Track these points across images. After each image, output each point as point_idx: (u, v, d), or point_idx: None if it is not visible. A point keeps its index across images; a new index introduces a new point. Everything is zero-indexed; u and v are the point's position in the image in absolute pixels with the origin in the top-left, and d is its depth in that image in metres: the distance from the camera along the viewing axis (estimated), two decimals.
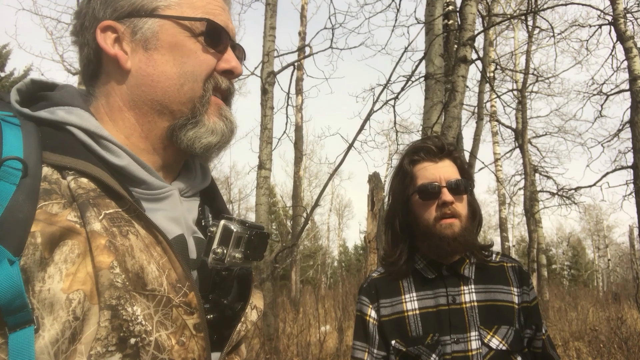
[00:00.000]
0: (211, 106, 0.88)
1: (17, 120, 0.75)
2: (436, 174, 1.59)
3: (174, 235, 0.82)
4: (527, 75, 10.69)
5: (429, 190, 1.57)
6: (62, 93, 0.84)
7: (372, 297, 1.64)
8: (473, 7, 4.61)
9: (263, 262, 5.05)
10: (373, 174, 9.02)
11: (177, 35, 0.85)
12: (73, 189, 0.71)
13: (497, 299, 1.57)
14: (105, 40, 0.83)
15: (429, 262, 1.62)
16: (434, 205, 1.57)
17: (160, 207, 0.83)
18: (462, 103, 4.58)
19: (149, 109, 0.84)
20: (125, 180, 0.80)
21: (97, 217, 0.70)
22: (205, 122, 0.86)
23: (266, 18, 5.42)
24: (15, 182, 0.65)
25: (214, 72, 0.88)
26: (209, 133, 0.86)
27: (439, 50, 5.49)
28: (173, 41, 0.84)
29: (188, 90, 0.84)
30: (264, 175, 5.26)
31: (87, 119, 0.80)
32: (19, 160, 0.67)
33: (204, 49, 0.86)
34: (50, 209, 0.68)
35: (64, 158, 0.73)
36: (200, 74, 0.86)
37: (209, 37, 0.86)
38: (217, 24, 0.87)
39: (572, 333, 9.68)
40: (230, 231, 0.84)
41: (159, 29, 0.84)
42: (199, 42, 0.86)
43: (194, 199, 0.94)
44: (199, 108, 0.85)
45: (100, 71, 0.87)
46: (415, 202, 1.62)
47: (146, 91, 0.83)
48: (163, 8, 0.85)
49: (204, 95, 0.86)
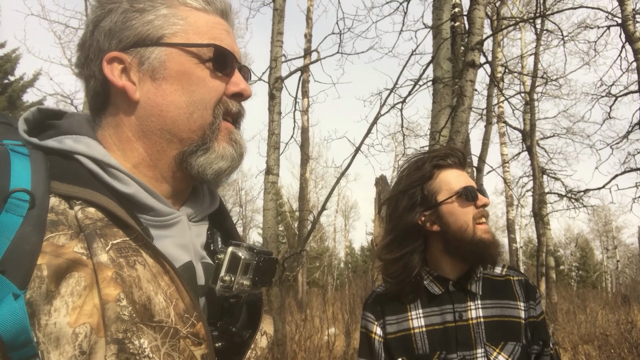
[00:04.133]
0: (221, 132, 0.87)
1: (25, 150, 0.75)
2: (466, 179, 1.59)
3: (183, 262, 0.82)
4: (535, 78, 10.61)
5: (471, 193, 1.55)
6: (70, 121, 0.84)
7: (377, 314, 1.62)
8: (481, 11, 4.59)
9: None
10: (380, 177, 8.99)
11: (185, 63, 0.84)
12: (80, 219, 0.71)
13: (504, 314, 1.55)
14: (112, 72, 0.83)
15: (435, 278, 1.60)
16: (471, 207, 1.55)
17: (169, 233, 0.83)
18: (471, 108, 4.56)
19: (158, 139, 0.84)
20: (133, 208, 0.80)
21: (103, 248, 0.69)
22: (215, 148, 0.86)
23: (274, 23, 5.43)
24: (22, 213, 0.66)
25: (223, 96, 0.87)
26: (219, 159, 0.86)
27: (446, 54, 5.47)
28: (181, 69, 0.84)
29: (198, 118, 0.84)
30: (271, 180, 5.26)
31: (94, 148, 0.80)
32: (26, 192, 0.67)
33: (213, 74, 0.86)
34: (57, 240, 0.67)
35: (72, 187, 0.73)
36: (209, 101, 0.86)
37: (217, 63, 0.86)
38: (223, 49, 0.87)
39: (581, 336, 9.60)
40: (238, 258, 0.84)
41: (166, 57, 0.83)
42: (207, 68, 0.86)
43: (202, 223, 0.94)
44: (209, 135, 0.85)
45: (109, 102, 0.86)
46: (449, 207, 1.56)
47: (155, 121, 0.83)
48: (169, 36, 0.84)
49: (214, 122, 0.86)
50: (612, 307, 11.82)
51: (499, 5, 8.10)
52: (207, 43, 0.85)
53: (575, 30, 10.50)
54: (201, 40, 0.85)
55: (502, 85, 11.76)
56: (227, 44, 0.88)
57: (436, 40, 5.49)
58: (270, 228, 5.23)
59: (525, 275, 1.67)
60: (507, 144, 17.06)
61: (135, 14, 0.84)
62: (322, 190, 32.19)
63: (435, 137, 5.06)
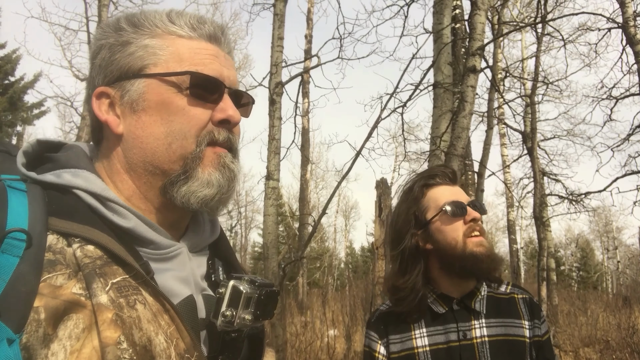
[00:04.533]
0: (206, 158, 0.84)
1: (23, 185, 0.74)
2: (456, 195, 1.60)
3: (183, 297, 0.81)
4: (536, 83, 10.59)
5: (457, 208, 1.56)
6: (69, 154, 0.84)
7: (381, 333, 1.62)
8: (482, 17, 4.58)
9: (271, 273, 5.05)
10: (380, 180, 8.99)
11: (164, 93, 0.83)
12: (79, 257, 0.70)
13: (509, 333, 1.54)
14: (99, 106, 0.84)
15: (438, 296, 1.60)
16: (460, 223, 1.55)
17: (169, 266, 0.82)
18: (472, 113, 4.55)
19: (143, 171, 0.83)
20: (133, 241, 0.79)
21: (103, 289, 0.68)
22: (198, 176, 0.83)
23: (274, 28, 5.41)
24: (19, 254, 0.65)
25: (209, 124, 0.85)
26: (203, 186, 0.82)
27: (447, 58, 5.46)
28: (159, 100, 0.83)
29: (177, 149, 0.82)
30: (272, 185, 5.25)
31: (93, 182, 0.79)
32: (23, 232, 0.66)
33: (193, 102, 0.84)
34: (54, 281, 0.66)
35: (70, 224, 0.72)
36: (189, 130, 0.83)
37: (197, 90, 0.84)
38: (203, 75, 0.84)
39: (581, 339, 9.59)
40: (239, 292, 0.82)
41: (145, 89, 0.83)
42: (187, 97, 0.83)
43: (202, 253, 0.93)
44: (189, 163, 0.83)
45: (102, 136, 0.88)
46: (437, 224, 1.58)
47: (137, 153, 0.83)
48: (150, 67, 0.84)
49: (195, 150, 0.83)
50: (613, 309, 11.81)
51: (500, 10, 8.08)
52: (184, 71, 0.83)
53: (576, 32, 10.49)
54: (181, 68, 0.83)
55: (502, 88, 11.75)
56: (212, 69, 0.85)
57: (437, 44, 5.47)
58: (270, 234, 5.22)
59: (529, 293, 1.67)
60: (507, 145, 17.05)
61: (119, 47, 0.85)
62: (322, 191, 32.20)
63: (436, 142, 5.05)
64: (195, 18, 0.89)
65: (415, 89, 5.71)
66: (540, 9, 5.90)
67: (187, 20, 0.87)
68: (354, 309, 10.47)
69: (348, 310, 10.47)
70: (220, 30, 0.90)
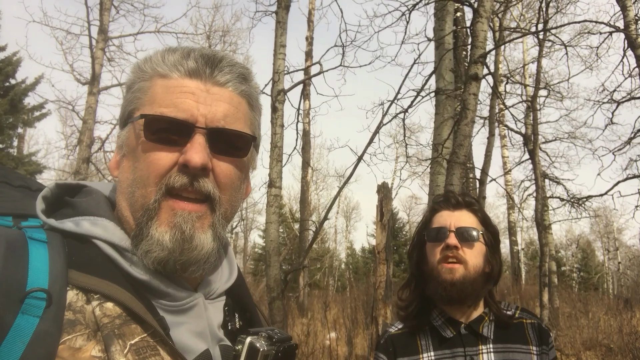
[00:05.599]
0: (162, 212, 0.77)
1: (44, 235, 0.74)
2: (448, 220, 1.62)
3: (199, 352, 0.80)
4: (537, 88, 10.57)
5: (435, 233, 1.62)
6: (88, 201, 0.83)
7: (389, 355, 1.63)
8: (484, 24, 4.57)
9: (274, 281, 5.04)
10: (382, 184, 8.97)
11: (134, 139, 0.81)
12: (98, 316, 0.69)
13: (516, 359, 1.54)
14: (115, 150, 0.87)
15: (446, 320, 1.61)
16: (439, 248, 1.59)
17: (185, 320, 0.81)
18: (474, 121, 4.55)
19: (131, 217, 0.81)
20: (149, 292, 0.78)
21: (122, 352, 0.68)
22: (151, 233, 0.76)
23: (276, 36, 5.41)
24: (39, 314, 0.64)
25: (171, 170, 0.78)
26: (156, 246, 0.76)
27: (449, 65, 5.46)
28: (132, 145, 0.82)
29: (139, 198, 0.78)
30: (274, 193, 5.25)
31: (111, 231, 0.78)
32: (43, 291, 0.65)
33: (157, 147, 0.78)
34: (74, 343, 0.66)
35: (90, 278, 0.71)
36: (147, 178, 0.77)
37: (157, 134, 0.78)
38: (158, 117, 0.78)
39: (583, 342, 9.58)
40: (256, 350, 0.81)
41: (127, 134, 0.83)
42: (150, 142, 0.78)
43: (219, 299, 0.91)
44: (142, 217, 0.77)
45: None
46: (428, 247, 1.65)
47: (121, 199, 0.83)
48: (135, 111, 0.82)
49: (150, 200, 0.77)
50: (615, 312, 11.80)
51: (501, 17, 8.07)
52: (140, 115, 0.79)
53: (577, 36, 10.48)
54: (152, 111, 0.79)
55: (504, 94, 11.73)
56: (181, 110, 0.78)
57: (438, 51, 5.48)
58: (272, 241, 5.22)
59: (538, 318, 1.67)
60: (508, 147, 17.05)
61: (126, 90, 0.86)
62: (323, 192, 32.20)
63: (438, 149, 5.06)
64: (183, 53, 0.83)
65: (417, 95, 5.72)
66: (541, 15, 5.89)
67: (172, 57, 0.82)
68: (355, 312, 10.46)
69: (349, 314, 10.47)
70: (208, 61, 0.82)
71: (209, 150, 0.79)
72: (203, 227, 0.79)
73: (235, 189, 0.84)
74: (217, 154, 0.81)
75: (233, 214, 0.87)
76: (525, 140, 11.33)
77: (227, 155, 0.82)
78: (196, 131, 0.78)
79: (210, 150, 0.79)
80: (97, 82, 9.87)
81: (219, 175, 0.81)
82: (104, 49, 10.06)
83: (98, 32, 10.03)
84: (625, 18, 8.33)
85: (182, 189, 0.77)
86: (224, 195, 0.82)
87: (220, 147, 0.81)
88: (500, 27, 7.26)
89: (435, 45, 5.54)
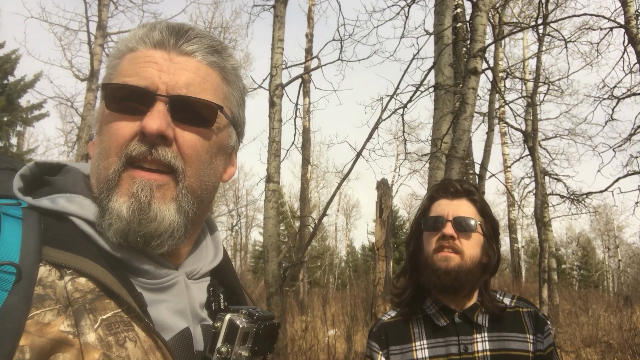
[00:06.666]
0: (123, 182, 0.74)
1: (19, 212, 0.72)
2: (446, 209, 1.60)
3: (178, 330, 0.78)
4: (537, 84, 10.54)
5: (432, 222, 1.60)
6: (66, 178, 0.81)
7: (381, 343, 1.62)
8: (483, 18, 4.54)
9: (272, 276, 5.03)
10: (381, 181, 8.96)
11: (101, 113, 0.80)
12: (70, 291, 0.67)
13: (511, 347, 1.53)
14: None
15: (440, 308, 1.59)
16: (436, 237, 1.57)
17: (165, 297, 0.79)
18: (473, 115, 4.52)
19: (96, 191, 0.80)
20: (128, 271, 0.76)
21: (92, 326, 0.65)
22: (111, 206, 0.73)
23: (274, 30, 5.38)
24: (8, 288, 0.62)
25: (132, 140, 0.75)
26: (115, 217, 0.73)
27: (448, 59, 5.43)
28: (100, 120, 0.80)
29: (102, 170, 0.76)
30: (272, 188, 5.22)
31: (87, 208, 0.76)
32: (13, 265, 0.63)
33: (119, 117, 0.76)
34: (42, 318, 0.64)
35: (64, 254, 0.69)
36: (109, 149, 0.75)
37: (118, 103, 0.76)
38: (116, 85, 0.77)
39: (583, 339, 9.57)
40: (236, 327, 0.79)
41: (98, 111, 0.82)
42: (112, 113, 0.77)
43: (203, 280, 0.89)
44: (103, 188, 0.75)
45: None
46: (425, 236, 1.63)
47: (91, 175, 0.82)
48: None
49: (110, 170, 0.75)
50: (614, 309, 11.79)
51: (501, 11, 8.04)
52: (102, 84, 0.79)
53: (578, 32, 10.44)
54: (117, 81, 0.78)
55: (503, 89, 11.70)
56: (143, 78, 0.76)
57: (438, 45, 5.44)
58: (271, 236, 5.20)
59: (535, 306, 1.65)
60: (508, 144, 17.03)
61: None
62: (323, 190, 32.20)
63: (437, 144, 5.03)
64: (151, 26, 0.82)
65: (416, 90, 5.69)
66: (541, 10, 5.86)
67: (141, 31, 0.81)
68: (354, 309, 10.46)
69: (349, 311, 10.47)
70: (173, 32, 0.81)
71: (170, 119, 0.76)
72: (164, 198, 0.76)
73: (202, 162, 0.81)
74: (180, 123, 0.78)
75: (204, 191, 0.83)
76: (525, 137, 11.30)
77: (190, 124, 0.79)
78: (157, 99, 0.76)
79: (173, 119, 0.77)
80: (96, 78, 9.85)
81: (183, 146, 0.78)
82: (103, 44, 10.04)
83: (97, 28, 10.02)
84: (626, 14, 8.30)
85: (141, 159, 0.75)
86: (189, 167, 0.78)
87: (183, 115, 0.78)
88: (500, 22, 7.23)
89: (435, 39, 5.51)
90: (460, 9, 7.05)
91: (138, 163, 0.75)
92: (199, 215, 0.84)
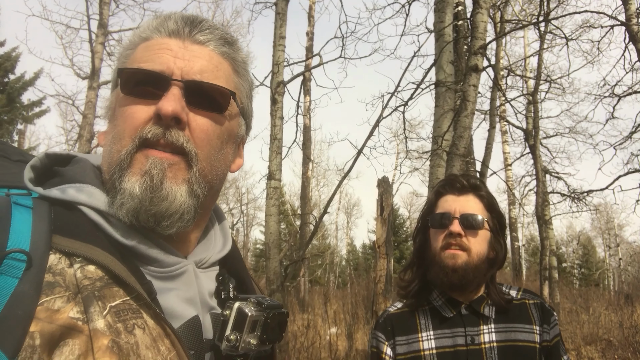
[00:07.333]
0: (136, 162, 0.76)
1: (29, 201, 0.73)
2: (453, 206, 1.60)
3: (188, 318, 0.79)
4: (538, 82, 10.53)
5: (439, 219, 1.60)
6: (75, 169, 0.82)
7: (387, 334, 1.62)
8: (484, 15, 4.54)
9: (273, 273, 5.04)
10: (382, 179, 8.96)
11: (115, 100, 0.82)
12: (79, 279, 0.68)
13: (518, 338, 1.53)
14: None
15: (447, 300, 1.59)
16: (443, 234, 1.57)
17: (174, 286, 0.80)
18: (474, 113, 4.53)
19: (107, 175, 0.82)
20: (137, 259, 0.77)
21: (101, 313, 0.66)
22: (123, 186, 0.75)
23: (276, 27, 5.38)
24: (18, 275, 0.63)
25: (147, 124, 0.77)
26: (127, 196, 0.74)
27: (449, 57, 5.43)
28: (113, 107, 0.83)
29: (115, 153, 0.77)
30: (273, 185, 5.23)
31: (96, 197, 0.77)
32: (23, 252, 0.64)
33: (134, 101, 0.78)
34: (52, 304, 0.64)
35: (73, 242, 0.70)
36: (123, 132, 0.77)
37: (134, 87, 0.79)
38: (132, 70, 0.79)
39: (583, 337, 9.58)
40: (244, 315, 0.79)
41: (115, 98, 0.83)
42: (127, 97, 0.79)
43: (212, 269, 0.90)
44: (115, 169, 0.76)
45: None
46: (432, 232, 1.63)
47: (102, 163, 0.83)
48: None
49: (123, 152, 0.76)
50: (615, 307, 11.81)
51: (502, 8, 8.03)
52: (118, 69, 0.81)
53: (579, 30, 10.43)
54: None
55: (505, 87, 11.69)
56: (158, 63, 0.79)
57: (439, 43, 5.44)
58: (272, 234, 5.21)
59: (541, 298, 1.66)
60: (509, 142, 17.01)
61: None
62: (323, 188, 32.23)
63: (438, 141, 5.03)
64: (165, 16, 0.85)
65: (417, 87, 5.69)
66: (542, 7, 5.86)
67: (155, 22, 0.85)
68: (355, 307, 10.48)
69: (349, 309, 10.49)
70: (188, 21, 0.84)
71: (184, 103, 0.78)
72: (176, 178, 0.77)
73: (213, 147, 0.82)
74: (194, 108, 0.80)
75: (214, 177, 0.84)
76: (526, 135, 11.30)
77: (204, 109, 0.81)
78: (172, 83, 0.78)
79: (187, 104, 0.79)
80: (97, 77, 9.86)
81: (195, 130, 0.79)
82: (104, 43, 10.05)
83: (98, 27, 10.02)
84: (627, 11, 8.30)
85: (155, 141, 0.76)
86: (201, 151, 0.80)
87: (197, 100, 0.80)
88: (501, 20, 7.23)
89: (435, 37, 5.50)
90: (461, 7, 7.04)
91: (151, 145, 0.76)
92: (208, 201, 0.86)
